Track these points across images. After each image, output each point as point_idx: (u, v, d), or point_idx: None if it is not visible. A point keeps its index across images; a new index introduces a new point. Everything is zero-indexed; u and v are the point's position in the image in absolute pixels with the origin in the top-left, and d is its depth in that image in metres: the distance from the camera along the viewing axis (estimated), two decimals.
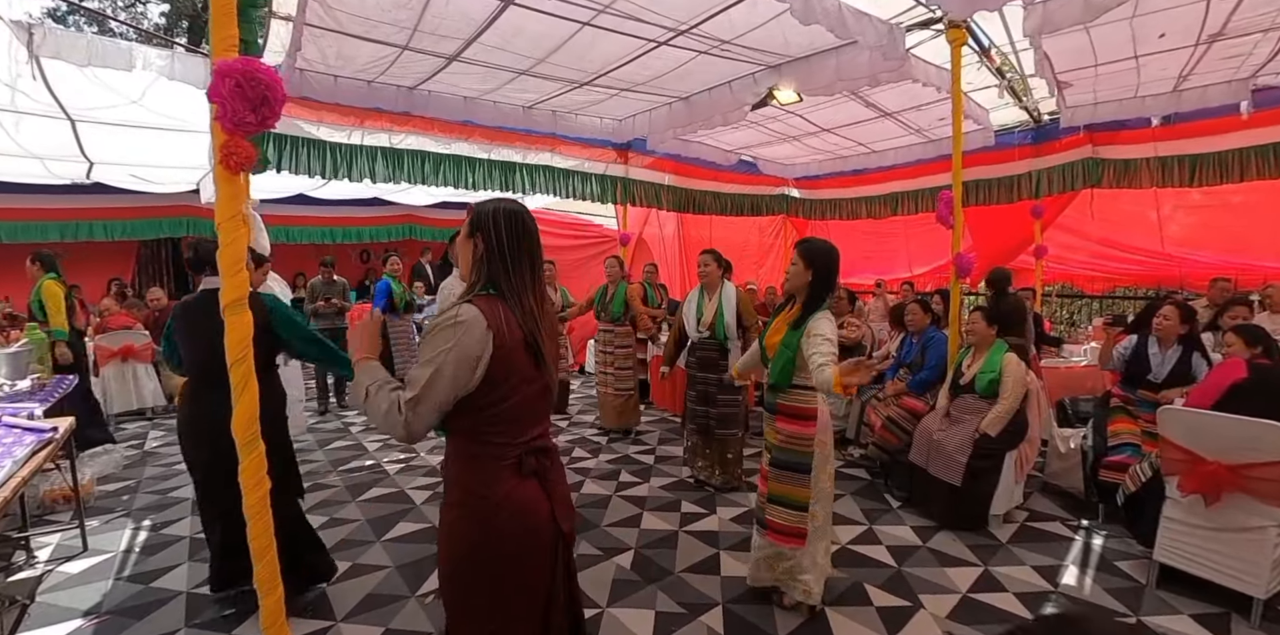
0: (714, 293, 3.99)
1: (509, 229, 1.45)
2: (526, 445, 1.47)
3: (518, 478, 1.45)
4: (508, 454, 1.44)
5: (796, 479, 2.53)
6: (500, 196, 1.55)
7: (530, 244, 1.48)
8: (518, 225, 1.46)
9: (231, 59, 1.52)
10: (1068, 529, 3.37)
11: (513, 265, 1.44)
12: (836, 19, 3.15)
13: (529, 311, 1.44)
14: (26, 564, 3.15)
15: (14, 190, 6.41)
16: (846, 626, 2.52)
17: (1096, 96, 4.92)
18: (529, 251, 1.48)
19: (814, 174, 7.61)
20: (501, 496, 1.43)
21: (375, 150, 4.82)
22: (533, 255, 1.48)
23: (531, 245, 1.48)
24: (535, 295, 1.48)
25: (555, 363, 1.54)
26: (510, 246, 1.44)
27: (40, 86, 3.79)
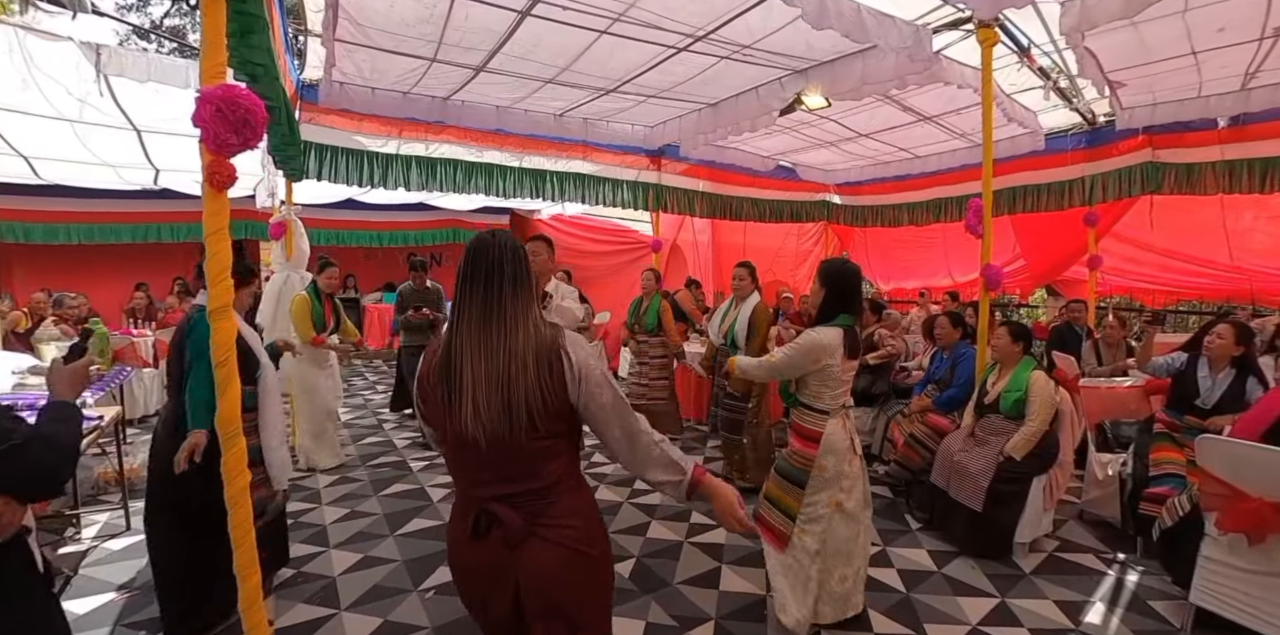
0: (741, 303, 4.16)
1: (464, 260, 1.41)
2: (480, 500, 1.39)
3: (474, 541, 1.38)
4: (466, 506, 1.43)
5: (790, 489, 2.51)
6: (484, 233, 1.46)
7: (474, 281, 1.38)
8: (469, 254, 1.41)
9: (214, 86, 1.61)
10: (1101, 562, 3.14)
11: (455, 304, 1.41)
12: (854, 22, 3.07)
13: (445, 359, 1.37)
14: (74, 539, 3.39)
15: (90, 195, 6.98)
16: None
17: (1155, 97, 4.60)
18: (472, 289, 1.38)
19: (855, 180, 7.42)
20: (455, 561, 1.48)
21: (410, 159, 5.00)
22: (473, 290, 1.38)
23: (470, 282, 1.38)
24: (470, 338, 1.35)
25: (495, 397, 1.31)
26: (457, 289, 1.41)
27: (108, 101, 4.12)
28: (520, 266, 1.40)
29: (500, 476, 1.37)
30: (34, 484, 1.15)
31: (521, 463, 1.36)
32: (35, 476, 1.14)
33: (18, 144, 4.97)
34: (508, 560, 1.36)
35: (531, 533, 1.36)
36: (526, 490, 1.37)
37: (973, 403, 3.49)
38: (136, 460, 4.25)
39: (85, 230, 7.34)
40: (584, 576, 1.41)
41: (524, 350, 1.33)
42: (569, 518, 1.39)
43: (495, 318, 1.35)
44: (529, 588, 1.37)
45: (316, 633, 2.56)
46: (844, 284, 2.45)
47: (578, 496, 1.44)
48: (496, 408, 1.30)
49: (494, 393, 1.30)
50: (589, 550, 1.40)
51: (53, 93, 3.97)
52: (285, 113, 3.06)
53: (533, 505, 1.37)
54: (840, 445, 2.44)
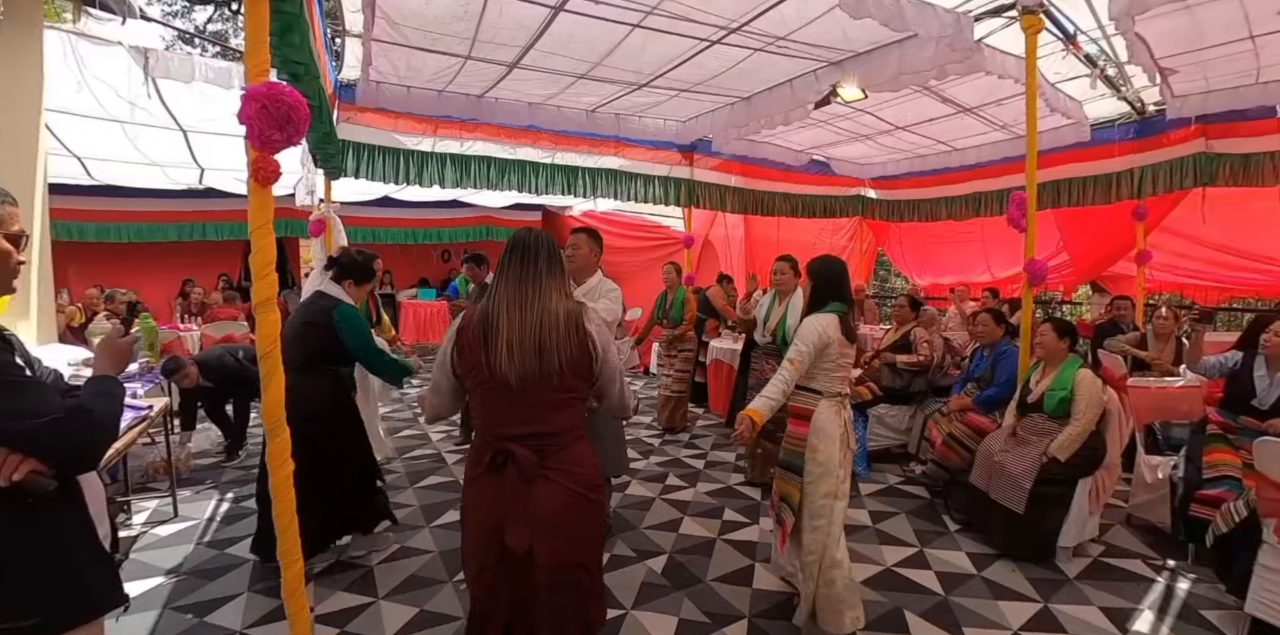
0: (785, 299, 3.97)
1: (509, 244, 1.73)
2: (500, 439, 1.61)
3: (491, 474, 1.60)
4: (485, 446, 1.64)
5: (790, 478, 2.54)
6: (525, 228, 1.81)
7: (512, 257, 1.69)
8: (510, 242, 1.73)
9: (258, 83, 1.64)
10: (1149, 568, 3.02)
11: (510, 264, 1.69)
12: (892, 11, 3.01)
13: (484, 311, 1.63)
14: (125, 525, 3.52)
15: (139, 195, 7.24)
16: None
17: (1209, 84, 4.40)
18: (523, 256, 1.68)
19: (891, 174, 7.28)
20: (471, 493, 1.67)
21: (445, 156, 5.06)
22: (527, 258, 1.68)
23: (510, 258, 1.70)
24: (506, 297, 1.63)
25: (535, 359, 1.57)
26: (501, 265, 1.71)
27: (156, 103, 4.26)
28: (554, 253, 1.71)
29: (520, 418, 1.60)
30: (73, 454, 1.19)
31: (540, 409, 1.61)
32: (74, 447, 1.18)
33: (72, 145, 5.17)
34: (519, 493, 1.57)
35: (541, 473, 1.58)
36: (540, 433, 1.60)
37: (1015, 401, 3.39)
38: (183, 451, 4.39)
39: (135, 229, 7.63)
40: (582, 515, 1.64)
41: (556, 309, 1.61)
42: (574, 465, 1.64)
43: (530, 282, 1.63)
44: (536, 518, 1.57)
45: (355, 620, 2.61)
46: (830, 278, 2.58)
47: (582, 446, 1.69)
48: (530, 352, 1.56)
49: (528, 339, 1.56)
50: (588, 494, 1.65)
51: (104, 95, 4.12)
52: (325, 112, 3.12)
53: (545, 448, 1.60)
54: (831, 430, 2.44)
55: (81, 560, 1.27)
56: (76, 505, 1.30)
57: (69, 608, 1.23)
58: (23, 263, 1.29)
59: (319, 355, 2.78)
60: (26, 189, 3.31)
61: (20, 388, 1.14)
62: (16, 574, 1.15)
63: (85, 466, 1.26)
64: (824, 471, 2.43)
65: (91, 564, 1.30)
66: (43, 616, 1.17)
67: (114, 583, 1.35)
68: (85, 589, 1.26)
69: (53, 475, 1.16)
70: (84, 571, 1.27)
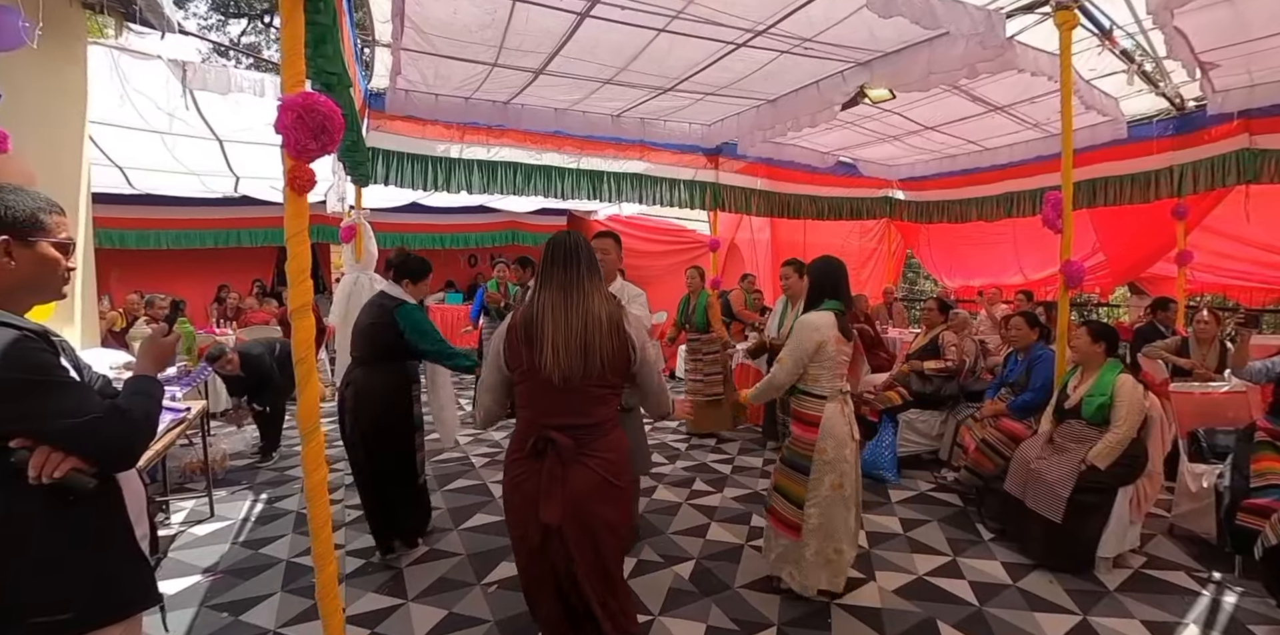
0: (797, 303, 3.98)
1: (548, 250, 1.87)
2: (543, 427, 1.78)
3: (533, 459, 1.77)
4: (528, 433, 1.81)
5: (796, 477, 2.64)
6: (562, 231, 1.95)
7: (554, 262, 1.83)
8: (551, 245, 1.87)
9: (294, 94, 1.67)
10: (1194, 581, 2.91)
11: (538, 281, 1.86)
12: (922, 9, 2.96)
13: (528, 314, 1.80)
14: (164, 524, 3.61)
15: (178, 203, 7.45)
16: None
17: (1252, 78, 4.25)
18: (565, 259, 1.83)
19: (920, 175, 7.17)
20: (513, 475, 1.84)
21: (472, 163, 5.12)
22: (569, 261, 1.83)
23: (551, 262, 1.84)
24: (551, 301, 1.78)
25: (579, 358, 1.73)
26: (540, 269, 1.87)
27: (193, 114, 4.38)
28: (593, 256, 1.86)
29: (564, 410, 1.77)
30: (111, 453, 1.22)
31: (583, 402, 1.78)
32: (112, 446, 1.21)
33: (114, 155, 5.34)
34: (558, 475, 1.74)
35: (577, 458, 1.76)
36: (580, 424, 1.78)
37: (1051, 407, 3.31)
38: (218, 452, 4.50)
39: (173, 236, 7.87)
40: (611, 498, 1.81)
41: (599, 311, 1.76)
42: (606, 451, 1.80)
43: (574, 287, 1.78)
44: (570, 499, 1.74)
45: (385, 621, 2.64)
46: (826, 277, 2.67)
47: (615, 435, 1.86)
48: (575, 352, 1.71)
49: (574, 341, 1.72)
50: (616, 480, 1.81)
51: (144, 107, 4.25)
52: (354, 121, 3.17)
53: (583, 437, 1.77)
54: (839, 429, 2.55)
55: (117, 559, 1.30)
56: (115, 504, 1.33)
57: (103, 604, 1.25)
58: (72, 269, 1.32)
59: (386, 351, 3.00)
60: (71, 198, 3.43)
61: (62, 388, 1.17)
62: (53, 569, 1.18)
63: (124, 465, 1.29)
64: (830, 467, 2.56)
65: (127, 563, 1.33)
66: (76, 612, 1.20)
67: (148, 582, 1.38)
68: (119, 587, 1.29)
69: (93, 473, 1.19)
70: (119, 570, 1.30)
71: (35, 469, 1.13)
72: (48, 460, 1.14)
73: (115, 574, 1.29)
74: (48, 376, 1.16)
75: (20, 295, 1.25)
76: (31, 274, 1.24)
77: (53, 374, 1.17)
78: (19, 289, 1.24)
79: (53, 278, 1.28)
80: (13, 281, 1.22)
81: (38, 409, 1.13)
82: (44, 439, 1.15)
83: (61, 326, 3.28)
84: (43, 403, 1.14)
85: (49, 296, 1.31)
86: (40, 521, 1.18)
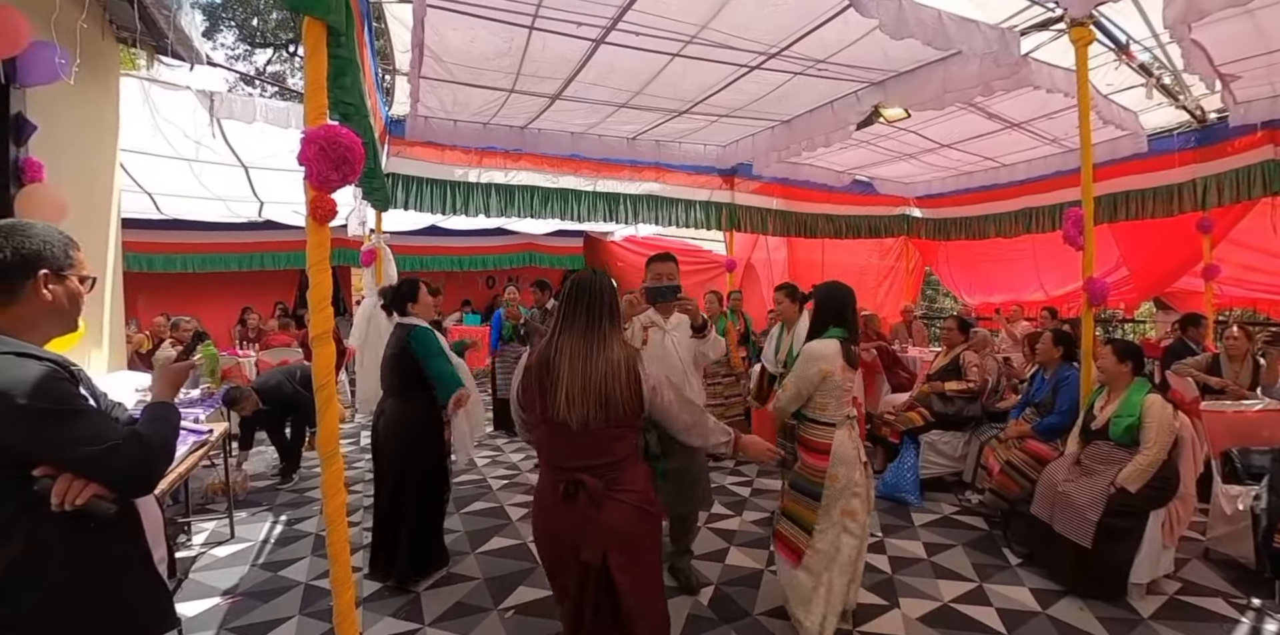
0: (791, 328, 3.98)
1: (569, 289, 1.88)
2: (568, 471, 1.80)
3: (565, 504, 1.78)
4: (555, 478, 1.83)
5: (806, 502, 2.55)
6: (587, 270, 1.98)
7: (577, 304, 1.84)
8: (575, 286, 1.88)
9: (317, 126, 1.72)
10: (1232, 607, 2.80)
11: (557, 321, 1.87)
12: (935, 30, 2.98)
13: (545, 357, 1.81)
14: (185, 545, 3.64)
15: (203, 228, 7.64)
16: None
17: (1275, 88, 4.20)
18: (588, 302, 1.84)
19: (937, 192, 7.15)
20: (536, 508, 1.91)
21: (489, 187, 5.21)
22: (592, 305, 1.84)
23: (574, 305, 1.85)
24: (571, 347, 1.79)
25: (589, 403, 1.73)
26: (560, 309, 1.88)
27: (220, 142, 4.51)
28: (615, 299, 1.88)
29: (586, 452, 1.79)
30: (130, 479, 1.24)
31: (600, 442, 1.79)
32: (131, 472, 1.23)
33: (144, 182, 5.50)
34: (592, 517, 1.76)
35: (608, 495, 1.77)
36: (602, 463, 1.79)
37: (1078, 427, 3.23)
38: (240, 474, 4.54)
39: (199, 260, 8.05)
40: (646, 524, 1.85)
41: (617, 360, 1.78)
42: (633, 484, 1.82)
43: (595, 334, 1.80)
44: (609, 535, 1.76)
45: None
46: (831, 303, 2.61)
47: (637, 468, 1.88)
48: (593, 401, 1.73)
49: (592, 389, 1.73)
50: (648, 507, 1.85)
51: (173, 136, 4.39)
52: (372, 148, 3.24)
53: (608, 475, 1.79)
54: (849, 455, 2.50)
55: (135, 584, 1.32)
56: (134, 530, 1.35)
57: (120, 630, 1.27)
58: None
59: (413, 380, 3.05)
60: (103, 225, 3.53)
61: (83, 416, 1.20)
62: (73, 595, 1.20)
63: (143, 490, 1.31)
64: (841, 493, 2.49)
65: (145, 588, 1.34)
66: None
67: (166, 607, 1.39)
68: (137, 612, 1.31)
69: (113, 499, 1.21)
70: (137, 595, 1.31)
71: (58, 496, 1.15)
72: (70, 488, 1.16)
73: (133, 599, 1.30)
74: (68, 406, 1.18)
75: (46, 326, 1.29)
76: (61, 306, 1.29)
77: (73, 403, 1.20)
78: (47, 320, 1.28)
79: (75, 310, 1.33)
80: (43, 313, 1.26)
81: (60, 437, 1.16)
82: (66, 467, 1.17)
83: (89, 350, 3.35)
84: (64, 431, 1.16)
85: (68, 328, 1.35)
86: (61, 549, 1.19)
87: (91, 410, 1.24)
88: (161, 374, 1.51)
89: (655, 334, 2.87)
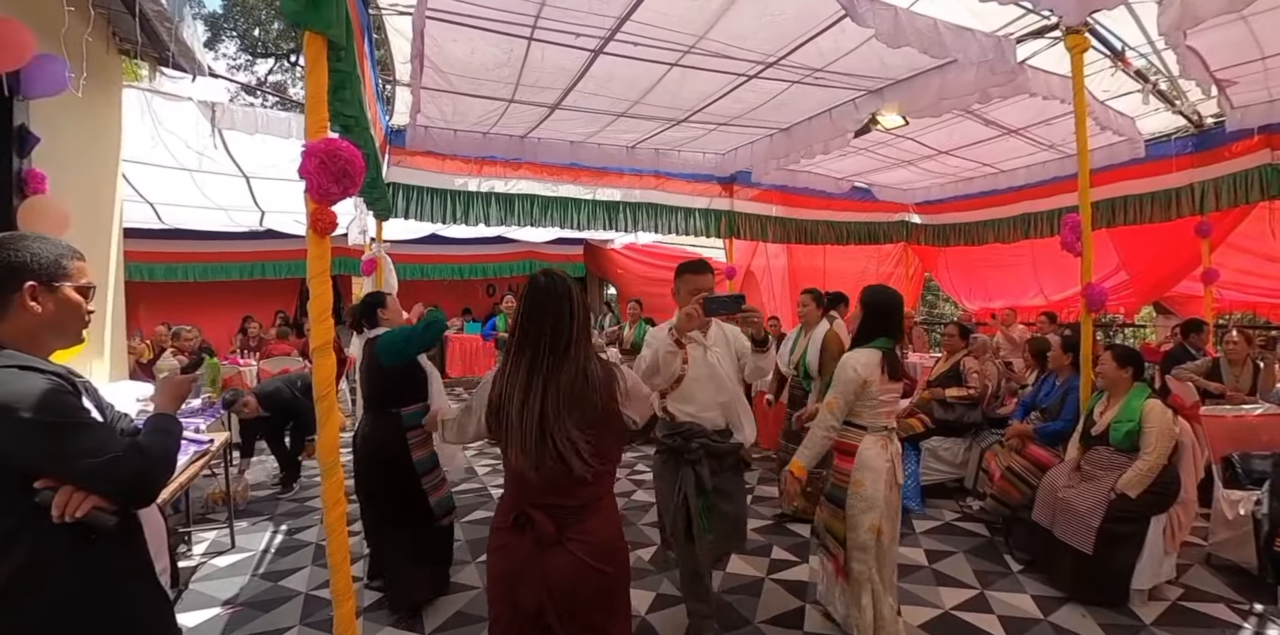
0: (810, 331, 4.04)
1: (523, 301, 1.61)
2: (523, 504, 1.59)
3: (514, 532, 1.58)
4: (512, 504, 1.62)
5: (834, 511, 2.49)
6: (545, 269, 1.66)
7: (540, 314, 1.56)
8: (527, 303, 1.60)
9: (317, 140, 1.74)
10: (1234, 613, 2.79)
11: (524, 335, 1.58)
12: (931, 39, 3.00)
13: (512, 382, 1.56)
14: (185, 555, 3.63)
15: (205, 237, 7.67)
16: None
17: (1271, 93, 4.22)
18: (539, 323, 1.56)
19: (936, 198, 7.17)
20: (493, 545, 1.66)
21: (490, 196, 5.24)
22: (543, 326, 1.56)
23: (541, 316, 1.56)
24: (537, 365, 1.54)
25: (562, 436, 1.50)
26: (522, 318, 1.59)
27: (221, 152, 4.54)
28: (576, 314, 1.58)
29: (544, 490, 1.56)
30: (130, 490, 1.25)
31: (564, 484, 1.55)
32: (131, 484, 1.23)
33: (145, 192, 5.53)
34: (535, 559, 1.55)
35: (560, 541, 1.55)
36: (561, 506, 1.58)
37: (1078, 433, 3.23)
38: (240, 483, 4.54)
39: (200, 269, 8.08)
40: (596, 587, 1.58)
41: (568, 398, 1.52)
42: (589, 534, 1.58)
43: (548, 361, 1.54)
44: (551, 588, 1.55)
45: None
46: (882, 308, 2.48)
47: (601, 516, 1.63)
48: (551, 456, 1.50)
49: (543, 440, 1.49)
50: (602, 566, 1.58)
51: (175, 146, 4.42)
52: (373, 158, 3.26)
53: (566, 518, 1.57)
54: (877, 464, 2.37)
55: (137, 596, 1.32)
56: (136, 541, 1.35)
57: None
58: (91, 312, 1.37)
59: (385, 396, 2.94)
60: (104, 236, 3.55)
61: (84, 429, 1.21)
62: (75, 608, 1.20)
63: (144, 501, 1.32)
64: (868, 506, 2.36)
65: (146, 599, 1.34)
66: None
67: (167, 618, 1.40)
68: (139, 624, 1.31)
69: (114, 511, 1.22)
70: (138, 606, 1.31)
71: (59, 508, 1.15)
72: (70, 500, 1.16)
73: (135, 611, 1.30)
74: (70, 418, 1.19)
75: (45, 339, 1.29)
76: (56, 317, 1.28)
77: (75, 415, 1.21)
78: (44, 332, 1.28)
79: (75, 321, 1.33)
80: (39, 325, 1.26)
81: (61, 450, 1.17)
82: (67, 479, 1.18)
83: (91, 360, 3.36)
84: (66, 443, 1.17)
85: (71, 340, 1.35)
86: (64, 560, 1.20)
87: (93, 423, 1.25)
88: (164, 386, 1.52)
89: (695, 351, 2.47)
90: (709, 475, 2.43)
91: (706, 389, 2.47)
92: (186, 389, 1.56)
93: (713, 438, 2.49)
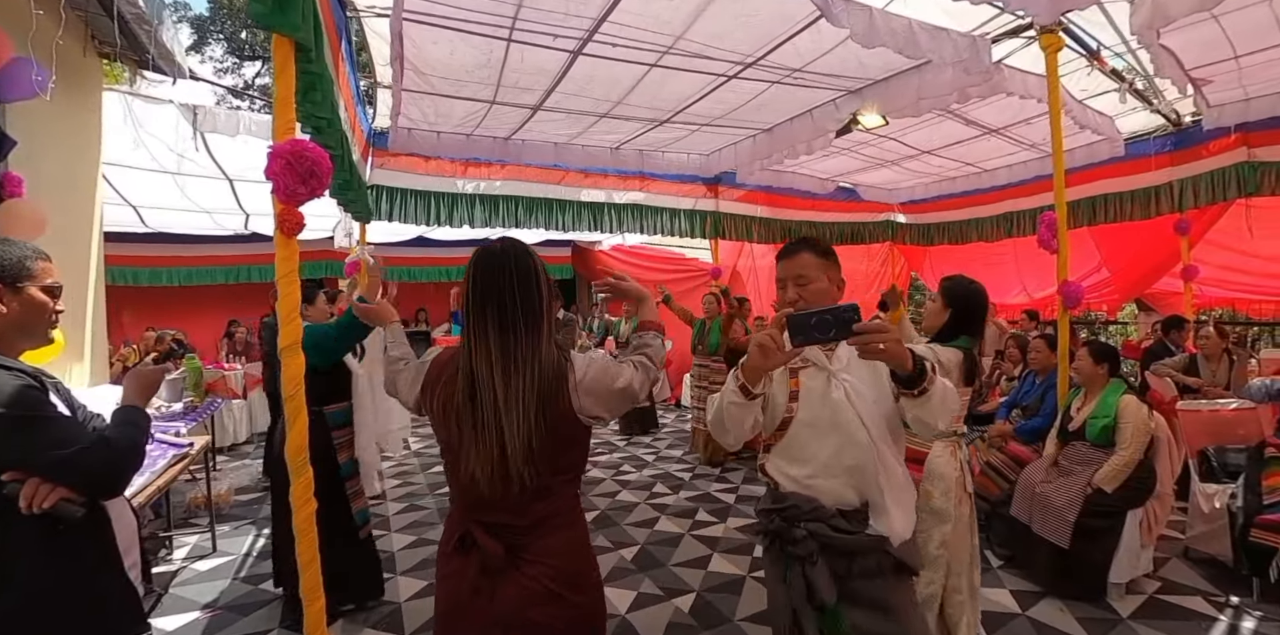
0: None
1: (473, 271, 1.35)
2: (467, 520, 1.33)
3: (459, 555, 1.33)
4: (457, 520, 1.38)
5: None
6: (503, 237, 1.42)
7: (477, 305, 1.32)
8: (473, 279, 1.35)
9: (283, 141, 1.74)
10: (1210, 606, 2.81)
11: (471, 311, 1.34)
12: (905, 39, 3.02)
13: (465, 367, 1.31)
14: (166, 559, 3.61)
15: (189, 241, 7.63)
16: None
17: (1246, 92, 4.27)
18: (485, 295, 1.32)
19: (920, 197, 7.21)
20: (439, 572, 1.41)
21: (474, 198, 5.24)
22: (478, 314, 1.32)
23: (475, 305, 1.32)
24: (486, 346, 1.29)
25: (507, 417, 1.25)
26: (471, 292, 1.34)
27: (203, 155, 4.52)
28: (534, 280, 1.34)
29: (493, 505, 1.30)
30: (97, 482, 1.27)
31: (511, 499, 1.28)
32: (98, 475, 1.26)
33: (128, 195, 5.50)
34: (481, 589, 1.29)
35: (512, 565, 1.28)
36: (509, 525, 1.30)
37: (1055, 429, 3.26)
38: (224, 486, 4.52)
39: (185, 273, 8.01)
40: (566, 621, 1.29)
41: (517, 402, 1.25)
42: (551, 557, 1.29)
43: (512, 353, 1.29)
44: (506, 626, 1.27)
45: None
46: (969, 303, 2.28)
47: (562, 534, 1.34)
48: (500, 476, 1.25)
49: (489, 451, 1.25)
50: (565, 593, 1.29)
51: (156, 149, 4.40)
52: (347, 160, 3.24)
53: (516, 539, 1.29)
54: (947, 472, 2.20)
55: (106, 587, 1.33)
56: (104, 534, 1.36)
57: (92, 631, 1.29)
58: (60, 312, 1.38)
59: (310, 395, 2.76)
60: (84, 239, 3.53)
61: (50, 422, 1.24)
62: (44, 598, 1.22)
63: (111, 493, 1.33)
64: (938, 519, 2.16)
65: (115, 591, 1.35)
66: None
67: (136, 610, 1.41)
68: (108, 615, 1.32)
69: (81, 502, 1.24)
70: (108, 599, 1.33)
71: (26, 499, 1.17)
72: (37, 491, 1.18)
73: (104, 603, 1.32)
74: (37, 412, 1.22)
75: (12, 339, 1.31)
76: (21, 317, 1.31)
77: (42, 409, 1.23)
78: (11, 332, 1.31)
79: (41, 320, 1.35)
80: (5, 325, 1.29)
81: (29, 442, 1.19)
82: (34, 471, 1.19)
83: (70, 364, 3.34)
84: (34, 436, 1.20)
85: (39, 340, 1.37)
86: (32, 551, 1.21)
87: (60, 416, 1.27)
88: (133, 378, 1.52)
89: (812, 379, 1.54)
90: (828, 581, 1.44)
91: (827, 442, 1.50)
92: (156, 380, 1.56)
93: (833, 524, 1.48)
